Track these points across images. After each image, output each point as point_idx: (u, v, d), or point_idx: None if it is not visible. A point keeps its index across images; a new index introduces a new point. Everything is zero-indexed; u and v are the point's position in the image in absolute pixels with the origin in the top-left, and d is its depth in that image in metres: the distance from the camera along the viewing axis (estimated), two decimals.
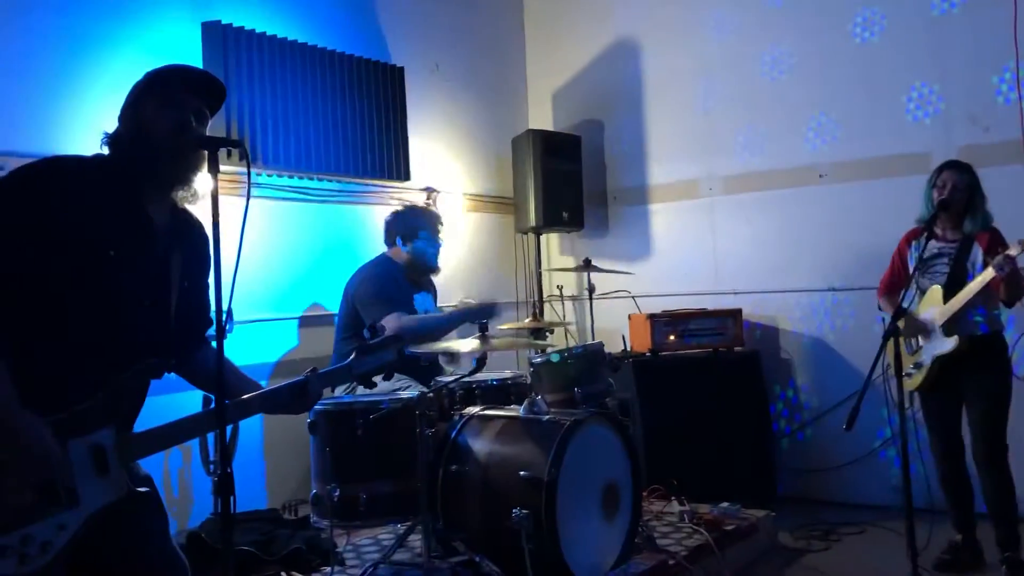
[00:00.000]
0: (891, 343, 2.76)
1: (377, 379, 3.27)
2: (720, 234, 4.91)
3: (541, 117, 5.51)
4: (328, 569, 3.05)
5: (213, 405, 1.81)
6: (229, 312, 1.74)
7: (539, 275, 5.12)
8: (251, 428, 3.78)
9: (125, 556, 1.83)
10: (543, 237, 5.22)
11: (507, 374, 3.63)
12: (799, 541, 3.83)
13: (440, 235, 3.93)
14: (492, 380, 3.44)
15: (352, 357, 2.15)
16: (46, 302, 1.76)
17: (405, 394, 3.15)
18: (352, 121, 4.24)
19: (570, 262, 5.38)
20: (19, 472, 1.67)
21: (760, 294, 4.73)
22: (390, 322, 3.46)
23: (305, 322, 4.12)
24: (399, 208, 4.08)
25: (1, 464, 1.65)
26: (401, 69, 4.53)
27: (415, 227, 3.86)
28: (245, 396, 1.98)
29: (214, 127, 2.02)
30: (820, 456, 4.51)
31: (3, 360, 1.67)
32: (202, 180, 1.94)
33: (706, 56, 4.92)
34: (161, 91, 1.91)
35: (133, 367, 1.84)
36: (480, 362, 2.99)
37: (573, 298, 5.33)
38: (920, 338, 3.37)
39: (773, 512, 3.84)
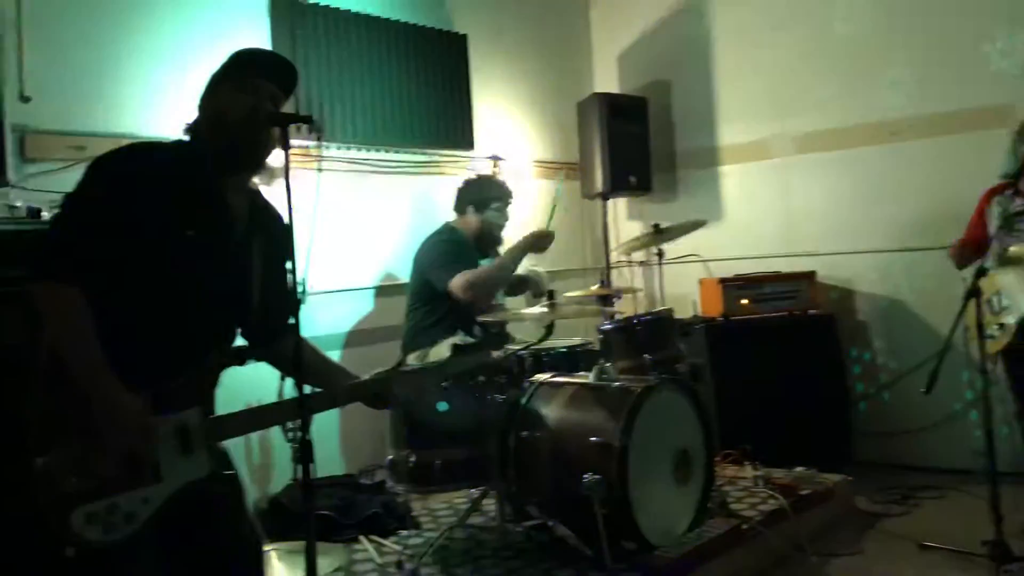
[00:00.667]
0: (972, 304, 2.68)
1: (447, 345, 3.31)
2: (793, 195, 4.80)
3: (607, 80, 5.44)
4: (405, 532, 3.13)
5: (299, 393, 1.85)
6: (303, 283, 1.77)
7: (606, 241, 5.08)
8: None
9: (199, 529, 1.89)
10: (610, 202, 5.18)
11: (576, 341, 3.63)
12: (877, 505, 3.77)
13: (508, 210, 3.94)
14: (561, 347, 3.45)
15: (449, 356, 2.18)
16: (127, 285, 1.82)
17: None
18: (417, 91, 4.27)
19: (638, 227, 5.34)
20: (113, 443, 1.74)
21: (835, 256, 4.62)
22: (457, 281, 3.49)
23: (377, 292, 4.18)
24: (473, 177, 4.09)
25: (96, 432, 1.73)
26: (464, 36, 4.52)
27: (488, 198, 3.88)
28: (331, 391, 2.05)
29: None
30: (899, 420, 4.41)
31: (96, 338, 1.74)
32: (275, 157, 1.99)
33: (776, 11, 4.79)
34: (236, 77, 1.96)
35: (218, 352, 1.90)
36: (548, 329, 3.00)
37: (642, 263, 5.29)
38: (1004, 298, 3.25)
39: (850, 477, 3.78)
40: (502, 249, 3.98)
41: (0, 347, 2.20)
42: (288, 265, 2.07)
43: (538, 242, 3.68)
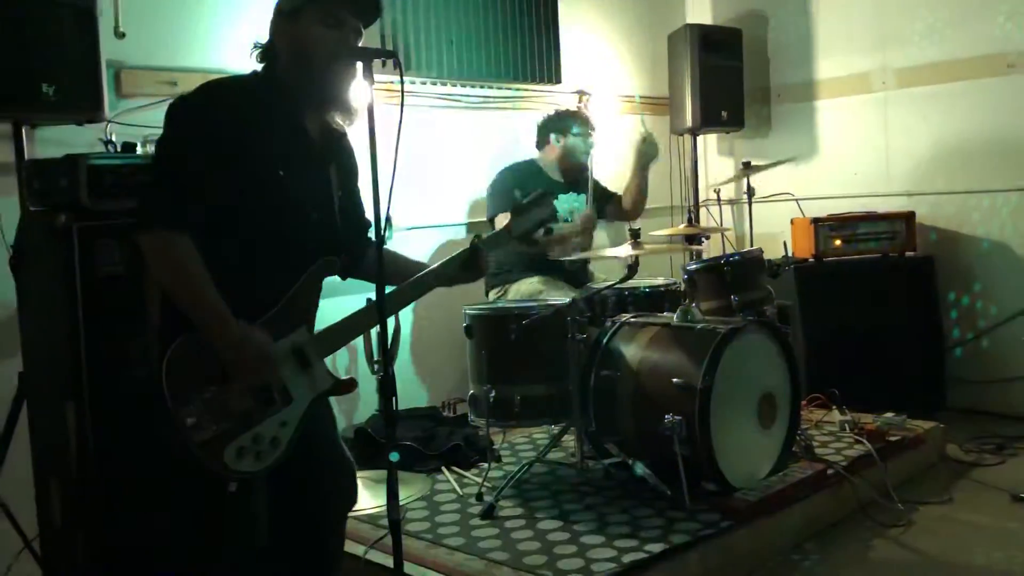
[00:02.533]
0: None
1: (526, 285, 3.32)
2: (893, 131, 4.58)
3: (699, 10, 5.25)
4: (486, 465, 3.17)
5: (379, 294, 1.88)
6: (388, 219, 1.79)
7: (695, 178, 4.96)
8: (412, 331, 3.93)
9: (304, 452, 1.96)
10: (700, 138, 5.04)
11: (660, 281, 3.58)
12: (970, 455, 3.65)
13: (592, 136, 3.92)
14: (645, 287, 3.41)
15: (509, 219, 2.20)
16: (227, 223, 1.87)
17: (556, 300, 3.18)
18: (503, 24, 4.21)
19: (729, 164, 5.19)
20: (243, 376, 1.82)
21: (936, 195, 4.41)
22: (501, 220, 3.51)
23: (463, 228, 4.19)
24: (549, 112, 4.10)
25: (224, 372, 1.80)
26: None
27: (567, 124, 3.92)
28: (418, 275, 2.09)
29: (368, 33, 2.04)
30: (997, 367, 4.24)
31: (209, 280, 1.80)
32: (358, 92, 1.98)
33: None
34: (321, 7, 1.92)
35: (312, 268, 1.95)
36: (632, 268, 2.97)
37: (731, 202, 5.16)
38: None
39: (942, 424, 3.67)
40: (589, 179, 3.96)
41: (99, 278, 2.28)
42: (356, 181, 2.12)
43: (647, 148, 3.79)
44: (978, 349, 4.35)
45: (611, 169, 4.48)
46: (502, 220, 3.43)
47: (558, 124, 3.95)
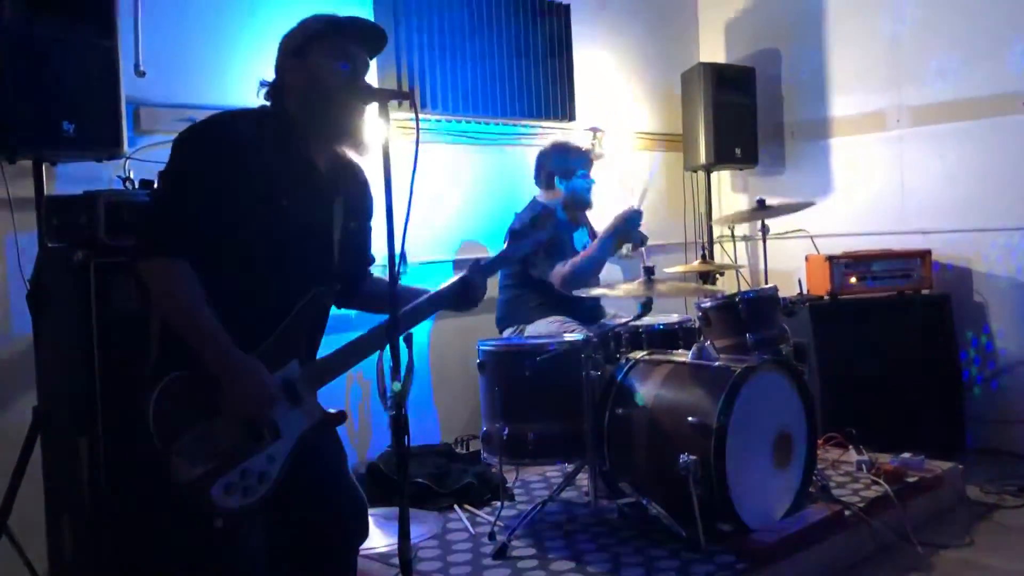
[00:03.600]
0: None
1: (543, 326, 3.31)
2: (908, 169, 4.58)
3: (713, 49, 5.29)
4: (498, 503, 3.15)
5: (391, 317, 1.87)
6: (403, 254, 1.80)
7: (709, 214, 4.97)
8: (426, 367, 3.93)
9: (307, 486, 1.96)
10: (714, 175, 5.05)
11: (674, 318, 3.56)
12: (990, 496, 3.59)
13: (593, 172, 3.88)
14: (659, 324, 3.39)
15: (506, 244, 2.20)
16: (227, 254, 1.87)
17: (571, 337, 3.16)
18: (518, 62, 4.24)
19: (743, 200, 5.19)
20: (241, 409, 1.82)
21: (952, 233, 4.39)
22: (556, 273, 3.49)
23: (465, 263, 4.18)
24: (548, 146, 3.95)
25: (220, 404, 1.80)
26: (567, 6, 4.46)
27: (572, 166, 3.81)
28: (413, 303, 2.08)
29: (384, 69, 2.06)
30: (1016, 406, 4.19)
31: (210, 309, 1.80)
32: (372, 129, 1.99)
33: None
34: (330, 42, 1.94)
35: (303, 301, 1.94)
36: (646, 306, 2.96)
37: (745, 238, 5.15)
38: None
39: (961, 465, 3.62)
40: (591, 215, 3.94)
41: (115, 314, 2.30)
42: (368, 215, 2.12)
43: (627, 225, 3.59)
44: (997, 388, 4.30)
45: (621, 205, 4.47)
46: (557, 276, 3.45)
47: (562, 166, 3.79)
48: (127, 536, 2.24)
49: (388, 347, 1.85)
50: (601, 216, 3.98)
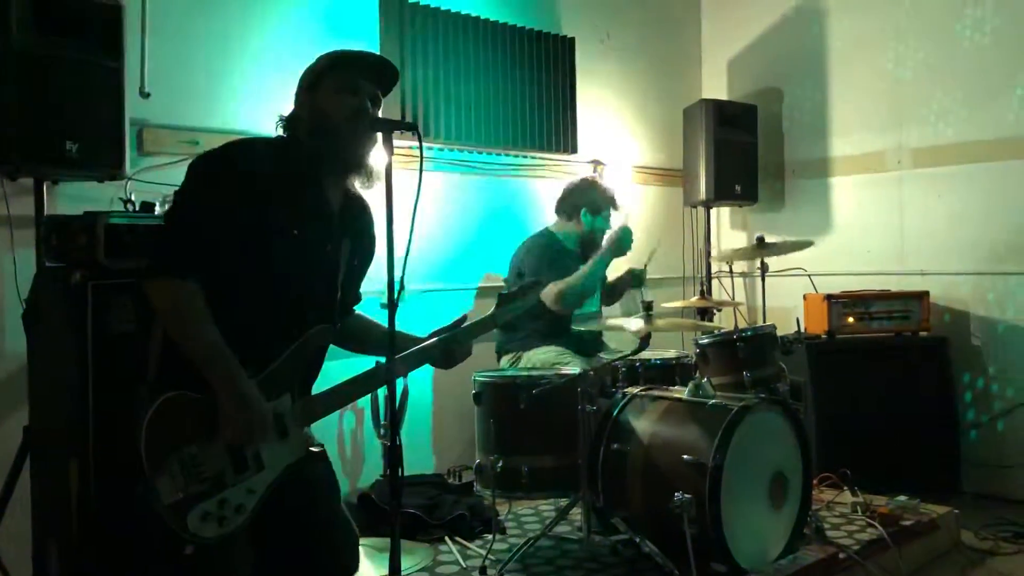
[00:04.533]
0: None
1: (541, 354, 3.31)
2: (908, 210, 4.59)
3: (715, 86, 5.33)
4: (490, 536, 3.11)
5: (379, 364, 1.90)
6: (401, 282, 1.80)
7: (708, 251, 4.97)
8: (420, 395, 3.90)
9: (298, 518, 1.94)
10: (713, 211, 5.06)
11: (671, 353, 3.55)
12: (985, 542, 3.56)
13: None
14: (656, 359, 3.38)
15: (494, 308, 2.21)
16: (231, 276, 1.88)
17: (567, 370, 3.15)
18: (522, 94, 4.27)
19: (742, 237, 5.21)
20: (237, 433, 1.81)
21: (951, 276, 4.40)
22: (549, 291, 3.48)
23: (476, 293, 4.19)
24: (581, 181, 4.01)
25: (228, 420, 1.79)
26: (572, 40, 4.49)
27: (601, 206, 3.85)
28: (398, 356, 2.05)
29: (389, 100, 2.09)
30: (1013, 451, 4.17)
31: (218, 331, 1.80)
32: (376, 158, 2.01)
33: (897, 19, 4.59)
34: (339, 77, 1.99)
35: (304, 336, 1.94)
36: (644, 341, 2.95)
37: (744, 275, 5.16)
38: None
39: (956, 509, 3.59)
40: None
41: (112, 337, 2.28)
42: (370, 258, 2.13)
43: (619, 244, 3.62)
44: (993, 432, 4.29)
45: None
46: (550, 293, 3.44)
47: (593, 203, 3.83)
48: (115, 563, 2.20)
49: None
50: None
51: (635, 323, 2.99)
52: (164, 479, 1.75)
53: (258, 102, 3.36)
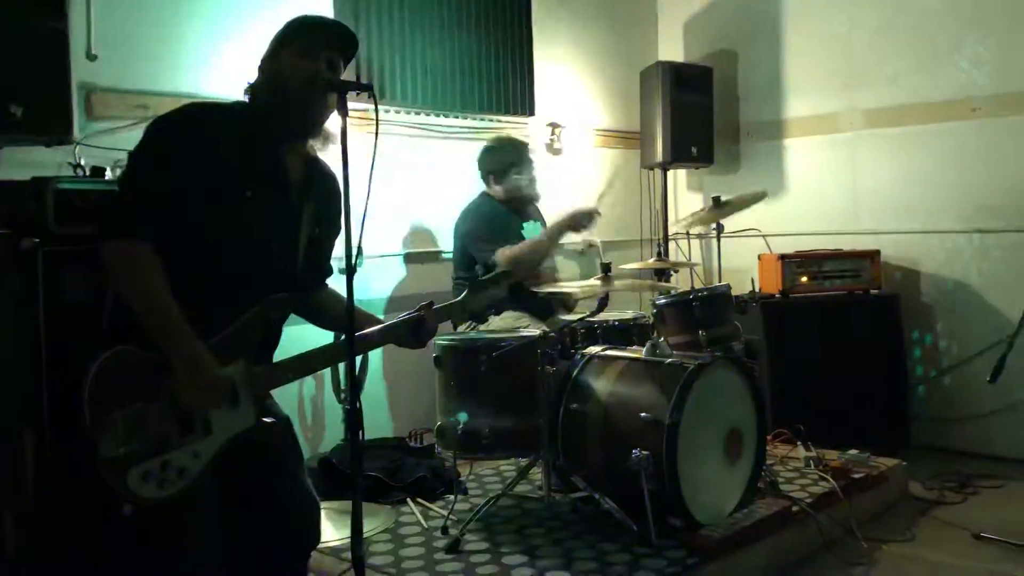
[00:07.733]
0: None
1: (499, 320, 3.33)
2: (860, 171, 4.67)
3: (671, 48, 5.33)
4: (451, 497, 3.15)
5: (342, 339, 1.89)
6: (359, 248, 1.79)
7: (665, 213, 5.01)
8: (379, 359, 3.91)
9: (260, 487, 1.95)
10: (670, 173, 5.09)
11: (629, 314, 3.59)
12: (932, 492, 3.68)
13: (532, 164, 3.91)
14: (614, 320, 3.41)
15: (465, 294, 2.22)
16: (187, 242, 1.87)
17: (527, 332, 3.17)
18: (478, 56, 4.25)
19: (698, 199, 5.25)
20: (187, 396, 1.80)
21: (901, 235, 4.49)
22: (499, 256, 3.50)
23: (432, 257, 4.18)
24: (485, 146, 4.00)
25: (179, 383, 1.78)
26: (528, 2, 4.46)
27: (505, 165, 3.85)
28: (367, 330, 2.07)
29: None
30: (959, 405, 4.30)
31: (171, 293, 1.79)
32: (332, 121, 2.00)
33: None
34: (298, 43, 2.00)
35: (258, 304, 1.93)
36: (602, 303, 2.98)
37: (700, 236, 5.21)
38: None
39: (905, 461, 3.70)
40: (541, 207, 3.96)
41: (64, 304, 2.25)
42: (336, 227, 2.12)
43: (578, 222, 3.64)
44: (940, 387, 4.41)
45: (578, 201, 4.50)
46: (501, 258, 3.46)
47: (495, 166, 3.85)
48: (71, 532, 2.19)
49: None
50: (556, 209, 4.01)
51: (593, 285, 3.02)
52: (106, 434, 1.73)
53: (210, 66, 3.30)
